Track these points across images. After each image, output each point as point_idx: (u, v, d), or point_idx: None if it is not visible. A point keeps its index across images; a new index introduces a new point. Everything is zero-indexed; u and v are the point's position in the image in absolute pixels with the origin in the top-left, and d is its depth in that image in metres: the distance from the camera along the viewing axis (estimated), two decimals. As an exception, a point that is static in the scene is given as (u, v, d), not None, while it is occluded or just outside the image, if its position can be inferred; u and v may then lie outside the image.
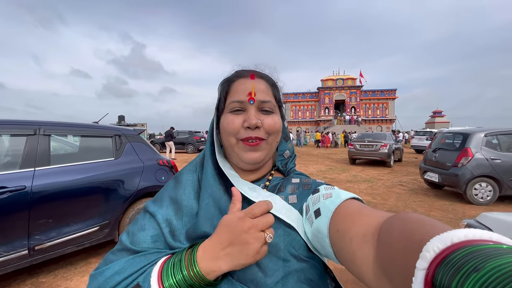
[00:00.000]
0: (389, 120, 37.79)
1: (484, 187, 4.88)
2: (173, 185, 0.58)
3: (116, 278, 0.43)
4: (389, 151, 9.69)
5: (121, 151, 2.86)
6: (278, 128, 0.55)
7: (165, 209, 0.53)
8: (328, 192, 0.49)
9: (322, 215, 0.45)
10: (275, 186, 0.58)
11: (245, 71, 0.58)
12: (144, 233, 0.50)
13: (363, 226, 0.37)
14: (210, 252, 0.42)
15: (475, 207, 4.75)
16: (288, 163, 0.64)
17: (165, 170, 3.15)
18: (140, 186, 2.81)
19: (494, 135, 5.05)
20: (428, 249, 0.22)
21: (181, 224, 0.51)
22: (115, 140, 2.87)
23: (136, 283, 0.42)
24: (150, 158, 3.06)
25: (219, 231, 0.43)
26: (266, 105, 0.54)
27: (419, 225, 0.28)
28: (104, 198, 2.59)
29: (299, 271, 0.46)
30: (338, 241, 0.40)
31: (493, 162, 4.82)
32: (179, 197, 0.55)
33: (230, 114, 0.54)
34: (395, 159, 10.88)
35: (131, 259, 0.46)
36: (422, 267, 0.22)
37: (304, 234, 0.49)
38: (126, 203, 2.71)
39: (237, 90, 0.54)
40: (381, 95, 38.31)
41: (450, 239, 0.22)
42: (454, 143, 5.50)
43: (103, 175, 2.60)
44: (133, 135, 3.04)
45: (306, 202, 0.52)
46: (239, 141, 0.53)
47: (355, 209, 0.42)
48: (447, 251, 0.21)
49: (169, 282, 0.40)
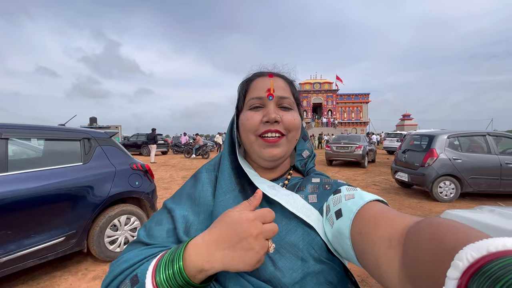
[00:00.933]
0: (363, 122, 39.52)
1: (447, 185, 5.26)
2: (191, 183, 0.59)
3: (122, 265, 0.44)
4: (363, 153, 10.13)
5: (90, 156, 2.69)
6: (297, 125, 0.55)
7: (183, 206, 0.54)
8: (351, 193, 0.48)
9: (344, 216, 0.44)
10: (294, 185, 0.57)
11: (263, 71, 0.59)
12: (160, 227, 0.51)
13: (388, 230, 0.36)
14: (203, 251, 0.38)
15: (440, 204, 5.11)
16: (308, 162, 0.63)
17: (139, 174, 3.01)
18: (111, 192, 2.66)
19: (456, 136, 5.48)
20: (461, 258, 0.21)
21: (197, 220, 0.51)
22: (83, 143, 2.69)
23: (135, 273, 0.42)
24: (122, 163, 2.91)
25: (221, 227, 0.39)
26: (285, 102, 0.55)
27: (451, 232, 0.26)
28: (71, 206, 2.40)
29: (318, 273, 0.44)
30: (361, 244, 0.39)
31: (455, 162, 5.22)
32: (196, 194, 0.55)
33: (250, 111, 0.54)
34: (369, 160, 11.40)
35: (140, 250, 0.47)
36: (454, 276, 0.20)
37: (324, 235, 0.48)
38: (95, 210, 2.54)
39: (256, 87, 0.55)
40: (355, 98, 39.98)
41: (486, 248, 0.20)
42: (421, 144, 5.88)
43: (70, 181, 2.42)
44: (104, 138, 2.87)
45: (327, 203, 0.51)
46: (258, 138, 0.53)
47: (379, 212, 0.40)
48: (482, 260, 0.20)
49: (160, 276, 0.38)
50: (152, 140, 12.01)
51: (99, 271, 2.60)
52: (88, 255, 2.85)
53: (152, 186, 3.17)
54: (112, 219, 2.71)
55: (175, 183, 7.12)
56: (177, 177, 8.22)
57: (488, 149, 5.34)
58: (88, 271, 2.60)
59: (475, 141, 5.63)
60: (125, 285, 0.42)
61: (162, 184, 6.99)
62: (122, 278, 0.42)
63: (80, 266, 2.70)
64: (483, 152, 5.35)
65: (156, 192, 3.28)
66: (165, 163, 12.14)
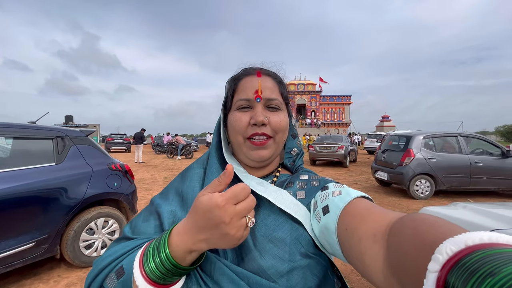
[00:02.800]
0: (345, 123, 40.65)
1: (423, 183, 5.53)
2: (179, 179, 0.60)
3: (106, 259, 0.44)
4: (345, 153, 10.42)
5: (64, 155, 2.53)
6: (285, 126, 0.56)
7: (170, 201, 0.55)
8: (338, 190, 0.49)
9: (331, 212, 0.45)
10: (283, 182, 0.58)
11: (251, 68, 0.58)
12: (146, 223, 0.51)
13: (373, 225, 0.36)
14: (186, 238, 0.39)
15: (417, 202, 5.35)
16: (296, 160, 0.64)
17: (118, 175, 2.88)
18: (87, 194, 2.52)
19: (431, 137, 5.78)
20: (441, 252, 0.22)
21: (185, 215, 0.50)
22: (56, 142, 2.52)
23: (120, 265, 0.42)
24: (100, 163, 2.77)
25: (194, 216, 0.39)
26: (273, 103, 0.55)
27: (432, 227, 0.27)
28: (42, 209, 2.24)
29: (305, 267, 0.45)
30: (347, 239, 0.40)
31: (430, 161, 5.50)
32: (184, 189, 0.56)
33: (238, 112, 0.54)
34: (350, 160, 11.74)
35: (125, 243, 0.47)
36: (434, 269, 0.21)
37: (311, 230, 0.48)
38: (70, 213, 2.40)
39: (244, 88, 0.55)
40: (338, 100, 41.02)
41: (464, 242, 0.21)
42: (399, 144, 6.14)
43: (41, 182, 2.26)
44: (79, 137, 2.72)
45: (314, 199, 0.52)
46: (246, 140, 0.54)
47: (365, 208, 0.41)
48: (461, 254, 0.20)
49: (149, 266, 0.38)
50: (139, 140, 12.03)
51: (73, 277, 2.45)
52: (62, 261, 2.68)
53: (132, 187, 3.05)
54: (88, 222, 2.57)
55: (157, 184, 6.92)
56: (159, 177, 7.99)
57: (459, 149, 5.67)
58: (61, 278, 2.45)
59: (448, 142, 5.96)
60: (110, 278, 0.42)
61: (143, 185, 6.76)
62: (107, 272, 0.42)
63: (52, 273, 2.53)
64: (455, 152, 5.69)
65: (136, 193, 3.16)
66: (147, 163, 11.79)
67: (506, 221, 1.42)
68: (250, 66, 0.60)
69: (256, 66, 0.60)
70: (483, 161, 5.52)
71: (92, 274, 0.44)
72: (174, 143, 14.72)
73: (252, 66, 0.60)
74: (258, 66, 0.60)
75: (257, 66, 0.60)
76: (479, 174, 5.48)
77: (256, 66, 0.60)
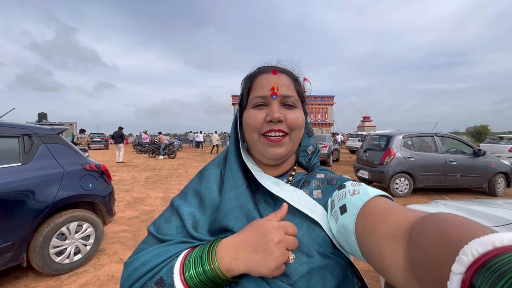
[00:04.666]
0: (328, 123, 41.60)
1: (402, 182, 5.73)
2: (197, 179, 0.61)
3: (141, 269, 0.44)
4: (328, 152, 10.59)
5: (31, 155, 2.32)
6: (301, 123, 0.55)
7: (189, 202, 0.56)
8: (355, 189, 0.48)
9: (348, 211, 0.44)
10: (299, 181, 0.58)
11: (267, 67, 0.58)
12: (168, 225, 0.53)
13: (393, 224, 0.36)
14: (232, 250, 0.42)
15: (397, 199, 5.53)
16: (312, 158, 0.64)
17: (94, 176, 2.70)
18: (58, 196, 2.33)
19: (409, 137, 6.00)
20: (466, 253, 0.21)
21: (204, 216, 0.53)
22: (23, 140, 2.32)
23: (159, 276, 0.43)
24: (73, 163, 2.58)
25: (248, 231, 0.43)
26: (289, 100, 0.54)
27: (457, 226, 0.26)
28: (6, 214, 2.04)
29: (324, 267, 0.45)
30: (365, 239, 0.39)
31: (409, 160, 5.71)
32: (202, 190, 0.56)
33: (253, 109, 0.54)
34: (333, 159, 11.97)
35: (156, 248, 0.47)
36: (459, 271, 0.20)
37: (329, 230, 0.48)
38: (38, 218, 2.20)
39: (259, 85, 0.55)
40: (321, 100, 41.89)
41: (491, 243, 0.20)
42: (380, 144, 6.33)
43: (4, 184, 2.05)
44: (49, 135, 2.52)
45: (332, 198, 0.51)
46: (262, 137, 0.54)
47: (384, 207, 0.41)
48: (488, 255, 0.20)
49: (189, 273, 0.41)
50: (119, 139, 11.68)
51: (42, 287, 2.27)
52: (29, 269, 2.47)
53: (109, 189, 2.88)
54: (60, 227, 2.39)
55: (137, 185, 6.66)
56: (140, 178, 7.69)
57: (435, 148, 5.94)
58: (28, 288, 2.25)
59: (425, 141, 6.23)
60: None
61: (123, 186, 6.48)
62: (144, 282, 0.43)
63: (18, 283, 2.32)
64: (431, 151, 5.95)
65: (113, 195, 2.99)
66: (127, 163, 11.34)
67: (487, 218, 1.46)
68: (266, 64, 0.60)
69: (272, 64, 0.60)
70: (457, 159, 5.81)
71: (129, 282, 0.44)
72: (156, 143, 14.28)
73: (268, 64, 0.60)
74: (273, 64, 0.60)
75: (272, 64, 0.60)
76: (454, 172, 5.77)
77: (271, 64, 0.60)
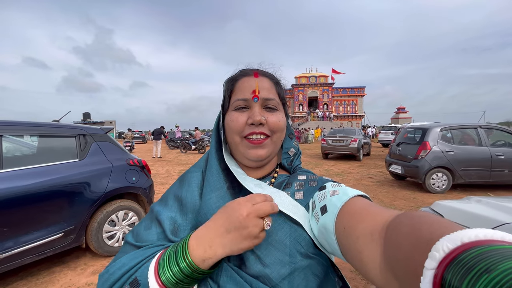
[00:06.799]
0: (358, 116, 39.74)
1: (440, 177, 5.37)
2: (178, 184, 0.60)
3: (117, 273, 0.44)
4: (358, 146, 10.22)
5: (86, 152, 2.68)
6: (282, 126, 0.56)
7: (170, 207, 0.55)
8: (335, 189, 0.49)
9: (329, 212, 0.45)
10: (281, 183, 0.58)
11: (249, 69, 0.59)
12: (148, 231, 0.52)
13: (370, 224, 0.37)
14: (204, 240, 0.42)
15: (433, 196, 5.23)
16: (294, 160, 0.64)
17: (136, 170, 3.02)
18: (108, 188, 2.67)
19: (448, 129, 5.57)
20: (437, 249, 0.22)
21: (185, 221, 0.52)
22: (79, 140, 2.68)
23: (134, 277, 0.42)
24: (119, 158, 2.91)
25: (216, 217, 0.44)
26: (270, 103, 0.55)
27: (428, 224, 0.27)
28: (68, 202, 2.41)
29: (306, 267, 0.46)
30: (345, 238, 0.40)
31: (448, 154, 5.32)
32: (183, 194, 0.56)
33: (235, 112, 0.55)
34: (364, 153, 11.50)
35: (133, 253, 0.47)
36: (431, 266, 0.22)
37: (311, 230, 0.49)
38: (93, 206, 2.56)
39: (241, 88, 0.55)
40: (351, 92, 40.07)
41: (460, 239, 0.22)
42: (415, 137, 5.96)
43: (66, 177, 2.42)
44: (99, 134, 2.87)
45: (313, 199, 0.52)
46: (243, 139, 0.54)
47: (362, 207, 0.42)
48: (457, 251, 0.21)
49: (166, 275, 0.41)
50: (159, 135, 12.84)
51: (98, 265, 2.63)
52: (87, 250, 2.87)
53: (149, 182, 3.18)
54: (110, 214, 2.73)
55: (172, 178, 7.13)
56: (173, 172, 8.22)
57: (479, 141, 5.44)
58: (87, 266, 2.63)
59: (467, 134, 5.73)
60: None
61: (159, 179, 6.99)
62: (120, 285, 0.43)
63: (79, 261, 2.73)
64: (474, 144, 5.47)
65: (153, 187, 3.30)
66: (161, 158, 12.12)
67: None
68: (247, 67, 0.60)
69: (254, 67, 0.60)
70: (505, 153, 5.27)
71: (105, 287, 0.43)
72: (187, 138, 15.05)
73: (249, 67, 0.60)
74: (255, 67, 0.60)
75: (254, 67, 0.60)
76: (501, 167, 5.25)
77: (253, 67, 0.60)
